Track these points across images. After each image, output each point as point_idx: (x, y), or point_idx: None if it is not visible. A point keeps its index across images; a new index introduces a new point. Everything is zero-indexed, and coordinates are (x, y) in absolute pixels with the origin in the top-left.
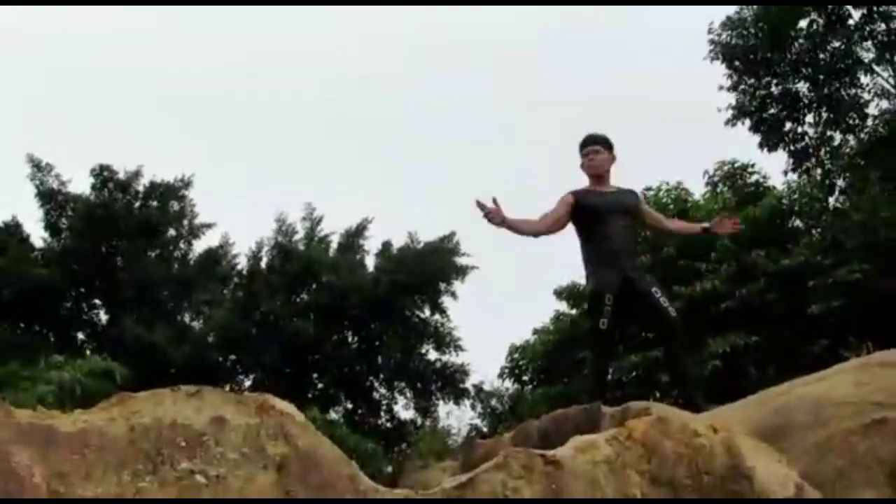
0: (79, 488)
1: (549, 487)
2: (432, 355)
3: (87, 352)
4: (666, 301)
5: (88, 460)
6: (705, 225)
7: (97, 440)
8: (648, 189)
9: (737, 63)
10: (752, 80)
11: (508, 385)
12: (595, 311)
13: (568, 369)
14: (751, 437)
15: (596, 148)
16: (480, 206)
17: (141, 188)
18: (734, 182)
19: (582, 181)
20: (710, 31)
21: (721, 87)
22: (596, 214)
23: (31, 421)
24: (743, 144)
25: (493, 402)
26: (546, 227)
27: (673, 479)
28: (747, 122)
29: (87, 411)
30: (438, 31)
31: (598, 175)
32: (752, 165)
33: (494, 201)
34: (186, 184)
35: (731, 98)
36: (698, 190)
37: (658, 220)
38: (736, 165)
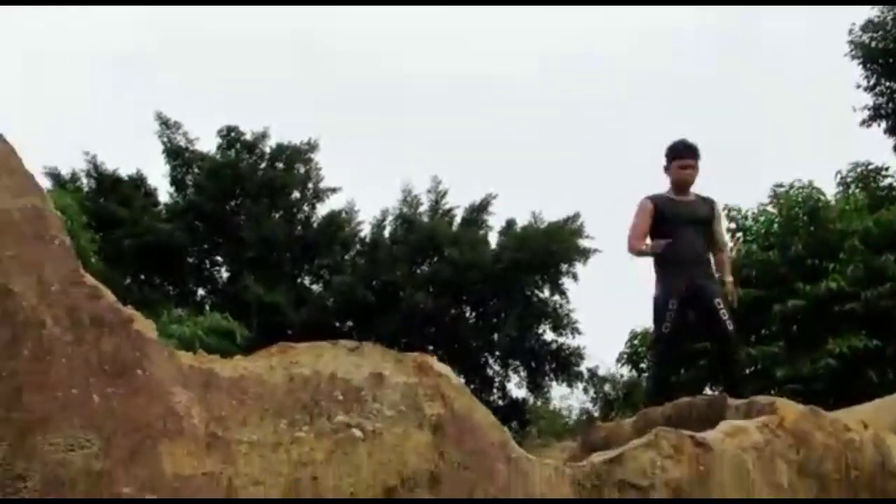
0: (236, 433)
1: (697, 469)
2: (548, 336)
3: (207, 308)
4: (726, 314)
5: (247, 406)
6: (728, 280)
7: (256, 387)
8: (780, 186)
9: (875, 65)
10: (890, 83)
11: (624, 371)
12: (659, 317)
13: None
14: None
15: (690, 162)
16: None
17: (267, 150)
18: (867, 184)
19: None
20: (850, 32)
21: (858, 87)
22: (669, 223)
23: (192, 364)
24: (877, 146)
25: (607, 387)
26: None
27: (821, 472)
28: (883, 124)
29: (247, 358)
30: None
31: (687, 186)
32: (886, 168)
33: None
34: (313, 147)
35: (868, 99)
36: (830, 190)
37: (714, 245)
38: (870, 167)
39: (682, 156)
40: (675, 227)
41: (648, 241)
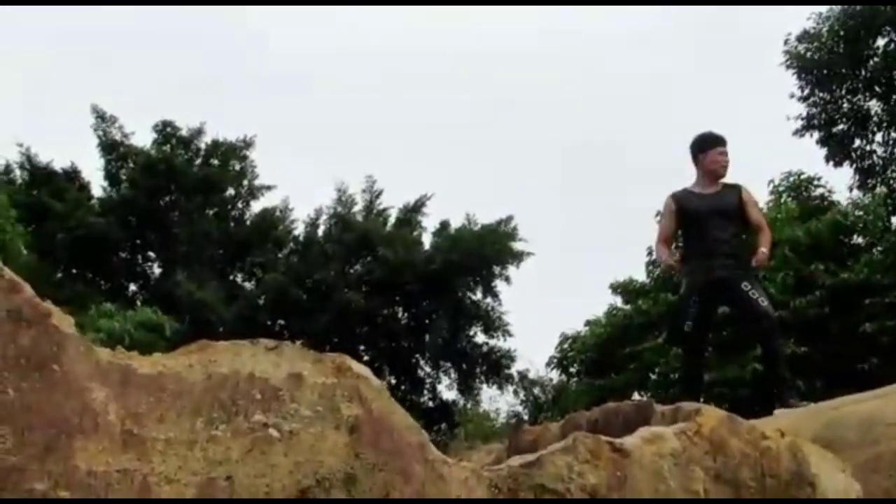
0: (152, 430)
1: (615, 475)
2: (480, 338)
3: (138, 303)
4: (757, 294)
5: (164, 403)
6: (760, 251)
7: (174, 385)
8: None
9: (810, 75)
10: (824, 94)
11: (553, 375)
12: (681, 314)
13: (616, 364)
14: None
15: (725, 150)
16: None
17: (203, 146)
18: (799, 193)
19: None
20: (786, 42)
21: (792, 96)
22: (692, 217)
23: (109, 359)
24: (810, 157)
25: (537, 390)
26: (672, 247)
27: (737, 479)
28: (815, 134)
29: (167, 355)
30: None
31: (721, 175)
32: (818, 179)
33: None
34: (248, 144)
35: (802, 109)
36: (762, 199)
37: (752, 224)
38: (802, 177)
39: (718, 143)
40: (698, 221)
41: (665, 252)
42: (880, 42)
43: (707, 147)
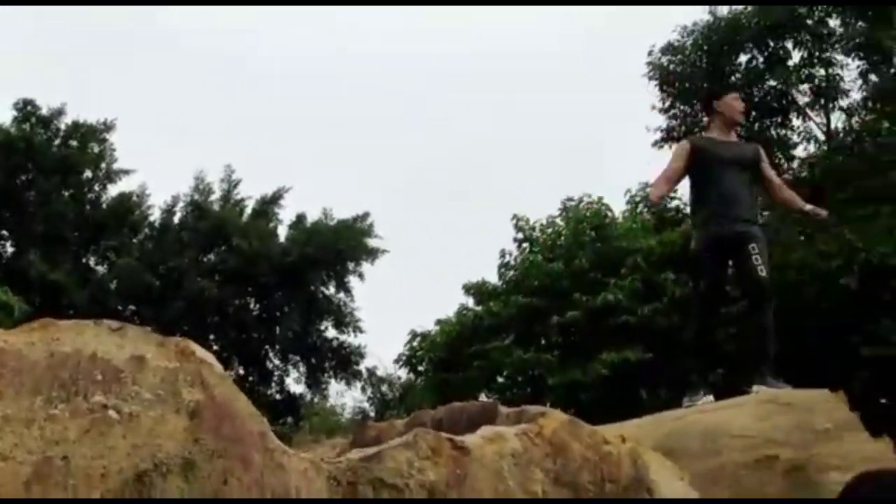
0: None
1: (454, 472)
2: (330, 333)
3: None
4: (759, 259)
5: (3, 380)
6: (808, 207)
7: (15, 362)
8: (570, 200)
9: (671, 88)
10: (685, 107)
11: (402, 374)
12: (695, 272)
13: (464, 363)
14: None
15: (738, 96)
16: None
17: (63, 126)
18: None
19: None
20: (650, 54)
21: (654, 108)
22: (710, 163)
23: None
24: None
25: (384, 387)
26: (670, 188)
27: (576, 482)
28: (674, 146)
29: (8, 332)
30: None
31: (737, 122)
32: (675, 190)
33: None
34: (109, 127)
35: (663, 121)
36: (619, 208)
37: (770, 185)
38: None
39: (732, 89)
40: (717, 167)
41: (661, 187)
42: (742, 58)
43: (722, 93)
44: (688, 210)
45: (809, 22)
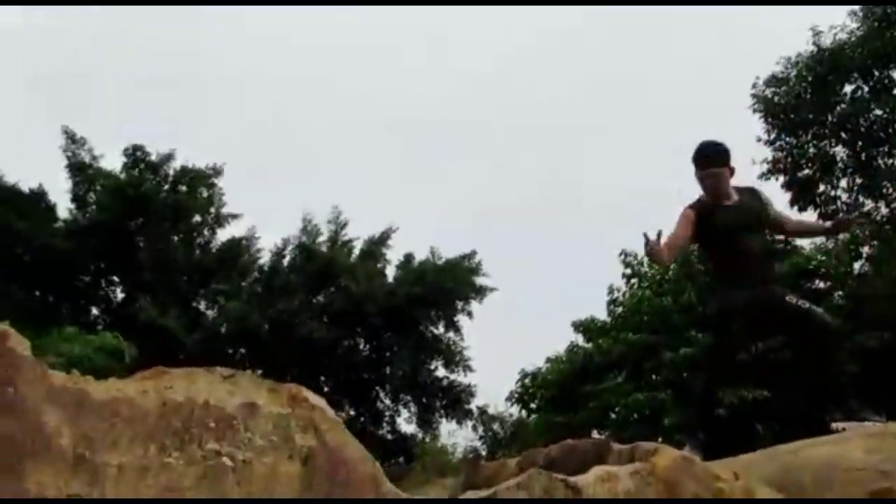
0: (105, 455)
1: None
2: (441, 372)
3: (100, 327)
4: (806, 303)
5: (117, 429)
6: (828, 224)
7: (128, 410)
8: None
9: (777, 120)
10: (790, 139)
11: (513, 411)
12: (719, 331)
13: (576, 401)
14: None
15: (713, 171)
16: (647, 237)
17: (172, 172)
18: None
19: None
20: (754, 86)
21: (759, 140)
22: (721, 232)
23: (64, 383)
24: (775, 200)
25: (495, 426)
26: (673, 256)
27: None
28: (781, 178)
29: (122, 381)
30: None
31: (721, 196)
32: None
33: (659, 235)
34: (217, 172)
35: (768, 152)
36: None
37: (781, 222)
38: None
39: (703, 165)
40: (729, 234)
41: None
42: (847, 88)
43: (695, 166)
44: (796, 242)
45: None
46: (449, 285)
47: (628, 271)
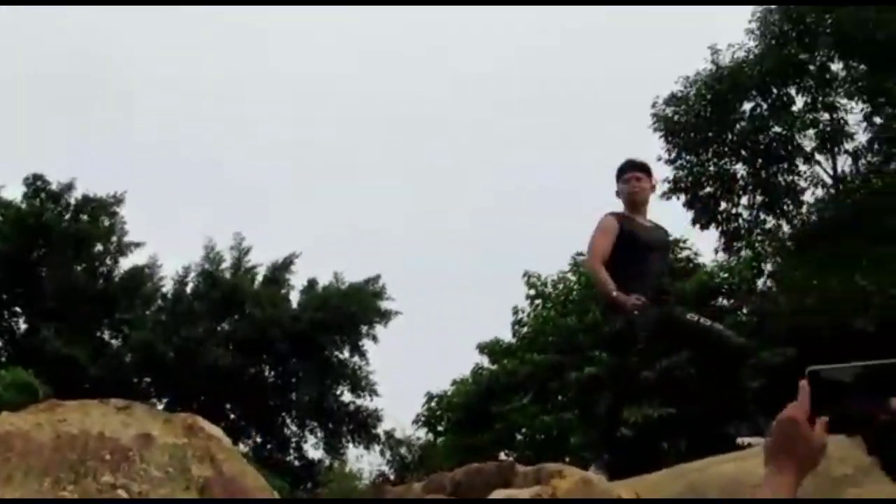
0: None
1: None
2: (347, 397)
3: (3, 359)
4: (708, 321)
5: (11, 463)
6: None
7: (22, 444)
8: (580, 255)
9: (677, 138)
10: (691, 157)
11: (420, 434)
12: (621, 350)
13: (483, 423)
14: None
15: (638, 175)
16: (620, 300)
17: (73, 201)
18: None
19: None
20: (654, 105)
21: (659, 159)
22: (637, 247)
23: None
24: (676, 219)
25: (403, 450)
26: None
27: None
28: (682, 197)
29: (15, 414)
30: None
31: (639, 203)
32: (685, 241)
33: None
34: (118, 200)
35: (669, 172)
36: None
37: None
38: (669, 240)
39: (627, 170)
40: (644, 251)
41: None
42: (747, 106)
43: (620, 174)
44: (699, 260)
45: (811, 67)
46: (353, 309)
47: (532, 292)
